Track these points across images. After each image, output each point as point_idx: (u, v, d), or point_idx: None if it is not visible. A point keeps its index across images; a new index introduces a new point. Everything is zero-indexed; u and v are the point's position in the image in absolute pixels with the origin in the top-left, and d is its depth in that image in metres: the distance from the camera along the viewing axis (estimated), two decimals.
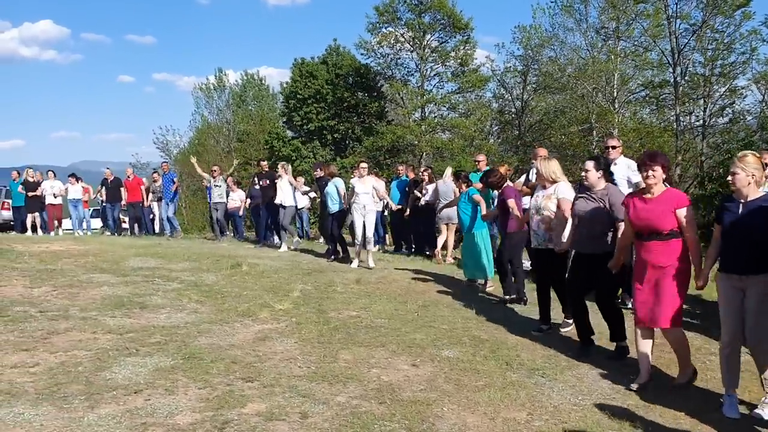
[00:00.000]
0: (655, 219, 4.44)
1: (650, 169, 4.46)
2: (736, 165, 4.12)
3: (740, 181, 4.07)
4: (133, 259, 9.45)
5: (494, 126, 37.40)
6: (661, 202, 4.46)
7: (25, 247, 10.77)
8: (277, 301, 6.70)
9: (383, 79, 33.98)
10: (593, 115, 29.97)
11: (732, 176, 4.14)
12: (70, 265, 8.76)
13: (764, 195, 4.11)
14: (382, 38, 31.47)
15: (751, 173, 4.05)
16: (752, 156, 4.12)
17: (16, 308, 5.89)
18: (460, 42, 31.41)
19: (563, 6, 30.86)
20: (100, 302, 6.36)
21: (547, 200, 5.92)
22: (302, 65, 34.58)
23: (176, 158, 43.54)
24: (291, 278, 8.22)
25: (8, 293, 6.62)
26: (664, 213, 4.42)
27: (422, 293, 7.62)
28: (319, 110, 33.81)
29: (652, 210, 4.46)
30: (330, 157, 33.07)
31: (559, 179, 5.92)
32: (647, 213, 4.48)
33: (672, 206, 4.42)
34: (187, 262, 9.38)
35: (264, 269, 8.83)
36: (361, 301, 6.97)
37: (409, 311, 6.57)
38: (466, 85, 31.56)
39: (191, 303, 6.54)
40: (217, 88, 44.28)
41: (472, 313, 6.63)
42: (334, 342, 5.28)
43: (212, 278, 8.05)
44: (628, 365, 4.99)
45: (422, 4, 30.72)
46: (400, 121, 33.91)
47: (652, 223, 4.46)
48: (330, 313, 6.34)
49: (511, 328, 6.09)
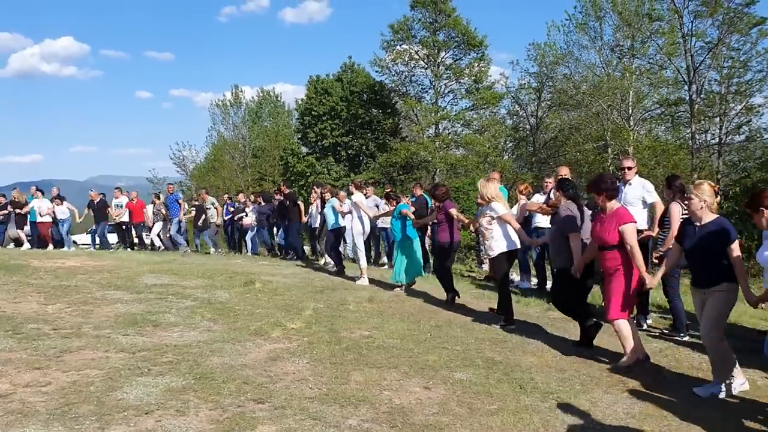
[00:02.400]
0: (604, 234, 5.41)
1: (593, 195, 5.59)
2: (691, 192, 4.84)
3: (694, 205, 4.80)
4: (148, 276, 9.50)
5: (508, 142, 37.42)
6: (610, 219, 5.40)
7: (41, 263, 10.87)
8: (290, 319, 6.69)
9: (397, 96, 34.20)
10: (608, 133, 29.88)
11: (687, 201, 4.90)
12: (85, 281, 8.82)
13: (715, 219, 4.77)
14: (396, 55, 31.72)
15: (704, 200, 4.75)
16: (707, 185, 4.83)
17: (30, 325, 5.92)
18: (475, 59, 31.60)
19: (578, 24, 30.92)
20: (113, 320, 6.38)
21: (482, 218, 7.12)
22: (317, 82, 34.89)
23: (192, 174, 43.92)
24: (303, 296, 8.21)
25: (23, 310, 6.67)
26: (609, 229, 5.35)
27: (435, 313, 7.57)
28: (334, 127, 34.04)
29: (604, 227, 5.43)
30: (344, 173, 33.23)
31: (495, 199, 7.06)
32: (600, 229, 5.46)
33: (615, 224, 5.32)
34: (200, 279, 9.41)
35: (277, 286, 8.83)
36: (374, 320, 6.94)
37: (422, 331, 6.52)
38: (480, 101, 31.66)
39: (204, 321, 6.54)
40: (233, 104, 44.75)
41: (486, 334, 6.57)
42: (345, 362, 5.25)
43: (225, 296, 8.06)
44: (644, 392, 4.91)
45: (437, 23, 30.97)
46: (414, 137, 34.03)
47: (602, 237, 5.42)
48: (342, 332, 6.31)
49: (526, 349, 6.03)
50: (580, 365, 5.60)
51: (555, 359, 5.78)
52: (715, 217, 4.79)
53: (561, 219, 6.05)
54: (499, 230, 6.99)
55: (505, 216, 6.99)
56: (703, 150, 28.49)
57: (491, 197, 7.05)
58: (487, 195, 7.08)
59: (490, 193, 7.08)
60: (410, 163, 32.02)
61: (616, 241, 5.30)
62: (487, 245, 7.08)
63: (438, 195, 8.40)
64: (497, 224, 6.99)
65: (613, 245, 5.32)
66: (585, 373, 5.35)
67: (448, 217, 8.21)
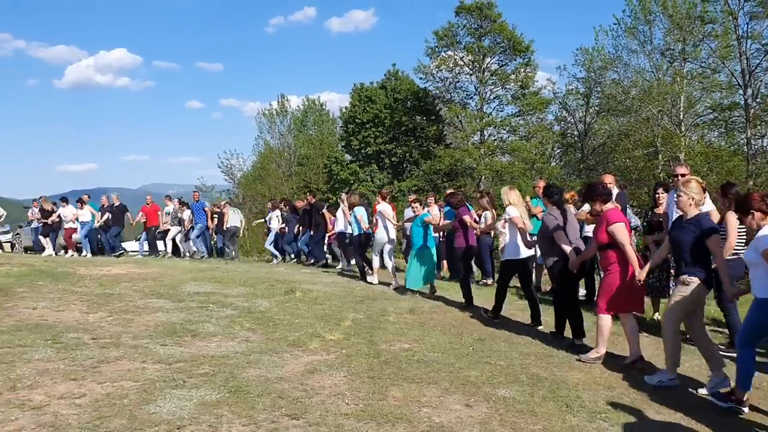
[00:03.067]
0: (596, 234, 5.94)
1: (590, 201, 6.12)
2: (680, 189, 5.14)
3: (683, 202, 5.09)
4: (191, 284, 9.53)
5: (556, 149, 36.71)
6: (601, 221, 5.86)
7: (87, 271, 11.06)
8: (328, 330, 6.56)
9: (441, 103, 33.92)
10: (659, 139, 28.99)
11: (677, 198, 5.20)
12: (128, 289, 8.89)
13: (701, 214, 5.09)
14: (441, 62, 31.46)
15: (692, 196, 5.04)
16: (695, 182, 5.13)
17: (70, 335, 5.94)
18: (521, 65, 31.07)
19: (627, 28, 30.13)
20: (153, 329, 6.37)
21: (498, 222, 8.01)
22: (361, 90, 34.93)
23: (240, 182, 44.54)
24: (343, 306, 8.09)
25: (65, 318, 6.73)
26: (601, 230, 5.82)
27: (478, 325, 7.33)
28: (377, 134, 34.00)
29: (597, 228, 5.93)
30: (387, 181, 33.12)
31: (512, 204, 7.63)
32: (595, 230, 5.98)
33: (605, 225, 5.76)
34: (242, 287, 9.39)
35: (317, 296, 8.74)
36: (414, 332, 6.76)
37: (464, 345, 6.30)
38: (527, 107, 31.10)
39: (243, 331, 6.47)
40: (279, 113, 45.20)
41: (530, 348, 6.31)
42: (384, 377, 5.08)
43: (265, 304, 8.00)
44: (696, 413, 4.60)
45: (482, 28, 30.63)
46: (459, 144, 33.68)
47: (596, 237, 5.95)
48: (381, 344, 6.15)
49: (573, 365, 5.76)
50: (630, 382, 5.31)
51: (603, 376, 5.50)
52: (699, 213, 5.10)
53: (544, 222, 6.74)
54: (508, 237, 7.53)
55: (515, 219, 7.42)
56: (759, 156, 27.31)
57: (510, 203, 7.61)
58: (506, 201, 7.66)
59: (509, 199, 7.64)
60: (454, 170, 31.68)
61: (606, 240, 5.75)
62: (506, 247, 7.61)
63: (453, 202, 8.93)
64: (509, 230, 7.52)
65: (605, 244, 5.78)
66: (635, 391, 5.06)
67: (463, 224, 8.70)
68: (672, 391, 5.13)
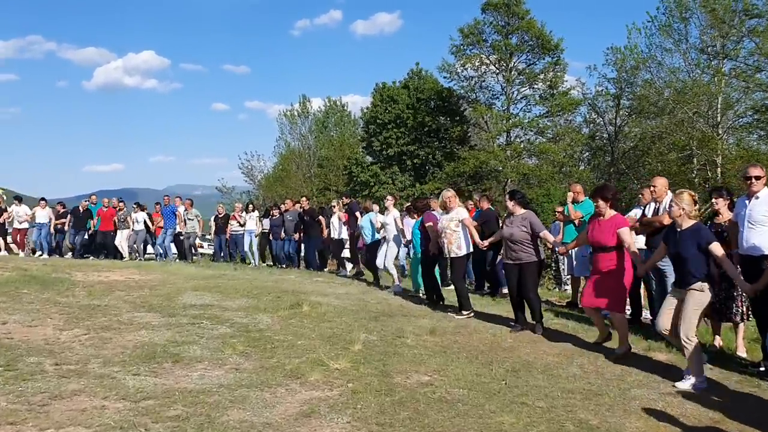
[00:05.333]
0: (602, 237, 6.17)
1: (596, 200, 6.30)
2: (673, 200, 5.40)
3: (674, 212, 5.35)
4: (189, 294, 8.67)
5: (584, 152, 35.35)
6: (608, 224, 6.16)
7: (85, 276, 10.28)
8: (334, 356, 5.58)
9: (466, 103, 32.78)
10: (694, 142, 27.60)
11: (669, 209, 5.54)
12: (119, 300, 8.04)
13: (693, 224, 5.29)
14: (466, 60, 30.31)
15: (683, 207, 5.28)
16: (687, 194, 5.37)
17: (30, 359, 5.06)
18: (550, 64, 29.83)
19: (661, 26, 28.82)
20: (129, 352, 5.46)
21: (449, 222, 8.09)
22: (383, 90, 33.98)
23: (260, 183, 43.87)
24: (355, 324, 7.11)
25: (34, 337, 5.86)
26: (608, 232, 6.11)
27: (510, 351, 6.29)
28: (399, 135, 33.01)
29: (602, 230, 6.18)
30: (409, 183, 32.14)
31: (455, 205, 8.20)
32: (598, 233, 6.21)
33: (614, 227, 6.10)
34: (244, 299, 8.50)
35: (326, 310, 7.78)
36: (435, 360, 5.74)
37: (495, 378, 5.28)
38: (556, 108, 29.81)
39: (234, 356, 5.53)
40: (300, 114, 44.48)
41: (574, 383, 5.26)
42: (396, 423, 4.09)
43: (266, 321, 7.06)
44: None
45: (509, 26, 29.50)
46: (484, 146, 32.51)
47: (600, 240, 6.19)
48: (395, 376, 5.15)
49: (628, 408, 4.69)
50: None
51: (668, 428, 4.42)
52: (693, 223, 5.30)
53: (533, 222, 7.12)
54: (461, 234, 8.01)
55: (465, 220, 8.08)
56: None
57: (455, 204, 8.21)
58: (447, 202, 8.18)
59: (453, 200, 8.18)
60: (479, 173, 30.51)
61: (614, 243, 6.07)
62: (453, 247, 8.07)
63: (419, 207, 9.37)
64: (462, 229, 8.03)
65: (610, 247, 6.08)
66: None
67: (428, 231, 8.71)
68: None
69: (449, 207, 8.15)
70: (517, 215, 7.28)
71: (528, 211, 7.37)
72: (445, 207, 8.25)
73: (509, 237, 7.23)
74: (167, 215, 15.80)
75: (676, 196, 5.42)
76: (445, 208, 8.23)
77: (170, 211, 15.86)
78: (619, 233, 6.06)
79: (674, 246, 5.37)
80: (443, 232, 8.15)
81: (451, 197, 8.20)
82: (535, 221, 7.20)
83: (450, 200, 8.17)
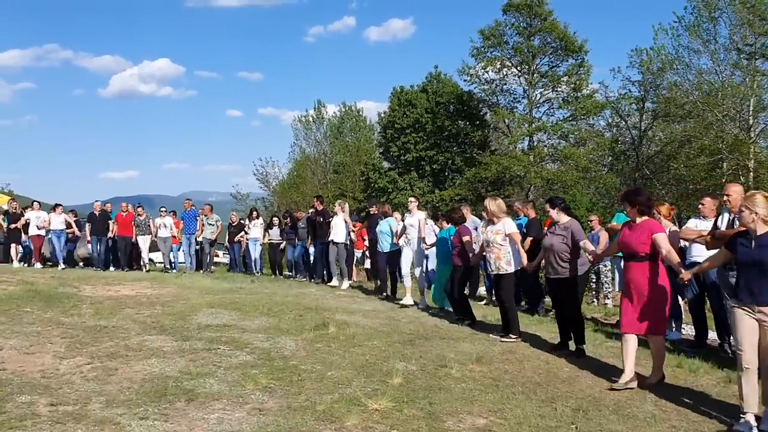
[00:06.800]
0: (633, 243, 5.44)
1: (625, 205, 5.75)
2: (743, 203, 4.68)
3: (744, 218, 4.59)
4: (204, 312, 7.98)
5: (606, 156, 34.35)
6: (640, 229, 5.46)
7: (93, 290, 9.66)
8: (371, 392, 4.83)
9: (487, 107, 31.93)
10: (724, 146, 26.60)
11: (739, 213, 4.78)
12: (128, 319, 7.35)
13: None
14: (487, 63, 29.46)
15: (755, 211, 4.52)
16: (760, 196, 4.59)
17: (22, 398, 4.35)
18: (573, 66, 28.92)
19: (689, 26, 27.85)
20: (137, 387, 4.74)
21: (495, 235, 7.26)
22: (401, 93, 33.26)
23: (275, 190, 43.31)
24: (388, 349, 6.35)
25: (30, 367, 5.17)
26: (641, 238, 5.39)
27: (570, 383, 5.50)
28: (418, 140, 32.25)
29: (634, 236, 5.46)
30: (428, 189, 31.37)
31: (504, 216, 7.37)
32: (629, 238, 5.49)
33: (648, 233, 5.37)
34: (265, 318, 7.78)
35: (355, 332, 7.02)
36: (488, 396, 4.96)
37: (562, 420, 4.49)
38: (580, 111, 28.86)
39: (257, 391, 4.79)
40: (315, 120, 43.92)
41: (656, 426, 4.46)
42: None
43: (290, 345, 6.33)
44: None
45: (531, 27, 28.64)
46: (504, 150, 31.62)
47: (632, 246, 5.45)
48: (446, 419, 4.38)
49: None
50: None
51: None
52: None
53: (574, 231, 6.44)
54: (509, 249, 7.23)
55: (514, 234, 7.26)
56: None
57: (502, 214, 7.38)
58: (498, 212, 7.33)
59: (502, 210, 7.40)
60: (501, 179, 29.61)
61: (648, 250, 5.34)
62: (502, 263, 7.24)
63: (455, 219, 8.54)
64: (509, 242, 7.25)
65: (643, 255, 5.36)
66: None
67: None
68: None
69: (496, 217, 7.32)
70: (560, 224, 6.55)
71: (571, 219, 6.67)
72: (489, 217, 7.42)
73: (549, 248, 6.54)
74: (188, 220, 15.17)
75: (747, 199, 4.70)
76: (490, 219, 7.41)
77: (192, 215, 15.25)
78: (655, 239, 5.30)
79: (747, 255, 4.53)
80: (488, 245, 7.36)
81: (498, 207, 7.40)
82: (576, 229, 6.49)
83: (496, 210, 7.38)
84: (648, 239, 5.33)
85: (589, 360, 6.33)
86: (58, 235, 14.66)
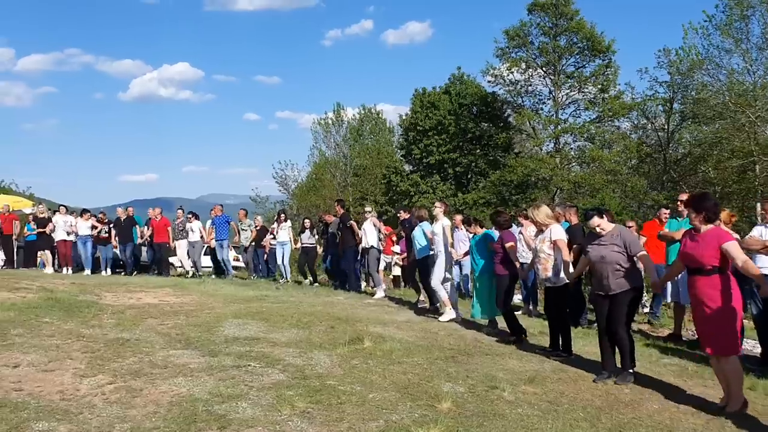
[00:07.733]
0: (699, 255, 4.87)
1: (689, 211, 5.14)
2: None
3: None
4: (231, 322, 7.58)
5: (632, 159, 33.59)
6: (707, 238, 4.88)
7: (115, 298, 9.30)
8: (420, 419, 4.37)
9: (511, 108, 31.35)
10: (758, 148, 25.81)
11: None
12: (152, 331, 6.97)
13: None
14: (512, 64, 28.90)
15: None
16: None
17: (39, 425, 3.96)
18: (600, 66, 28.26)
19: (720, 25, 27.11)
20: (164, 413, 4.33)
21: (542, 243, 6.73)
22: (423, 95, 32.80)
23: (294, 193, 43.05)
24: (431, 367, 5.89)
25: (48, 387, 4.77)
26: (707, 249, 4.83)
27: (635, 408, 4.99)
28: (440, 142, 31.76)
29: (698, 247, 4.90)
30: (451, 193, 30.87)
31: (551, 222, 6.79)
32: (693, 249, 4.94)
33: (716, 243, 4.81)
34: (294, 329, 7.36)
35: (392, 347, 6.57)
36: (549, 424, 4.47)
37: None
38: (608, 112, 28.18)
39: (294, 417, 4.36)
40: (335, 122, 43.60)
41: None
42: None
43: (325, 362, 5.89)
44: None
45: (557, 27, 28.05)
46: (529, 152, 31.01)
47: (697, 258, 4.88)
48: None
49: None
50: None
51: None
52: None
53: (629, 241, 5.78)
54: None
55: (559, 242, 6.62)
56: None
57: (549, 221, 6.83)
58: (544, 220, 6.79)
59: (548, 217, 6.83)
60: (526, 182, 28.98)
61: (716, 262, 4.82)
62: (552, 273, 6.68)
63: (500, 223, 7.99)
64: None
65: (711, 268, 4.83)
66: None
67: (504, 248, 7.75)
68: None
69: (544, 226, 6.78)
70: (607, 233, 5.93)
71: (618, 226, 6.07)
72: (537, 224, 6.89)
73: (599, 260, 5.78)
74: (220, 225, 14.62)
75: None
76: (538, 226, 6.89)
77: (224, 220, 14.75)
78: (726, 249, 4.75)
79: None
80: (536, 255, 6.85)
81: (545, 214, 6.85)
82: (631, 239, 5.85)
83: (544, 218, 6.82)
84: (716, 250, 4.80)
85: (648, 379, 5.83)
86: (84, 240, 14.44)
